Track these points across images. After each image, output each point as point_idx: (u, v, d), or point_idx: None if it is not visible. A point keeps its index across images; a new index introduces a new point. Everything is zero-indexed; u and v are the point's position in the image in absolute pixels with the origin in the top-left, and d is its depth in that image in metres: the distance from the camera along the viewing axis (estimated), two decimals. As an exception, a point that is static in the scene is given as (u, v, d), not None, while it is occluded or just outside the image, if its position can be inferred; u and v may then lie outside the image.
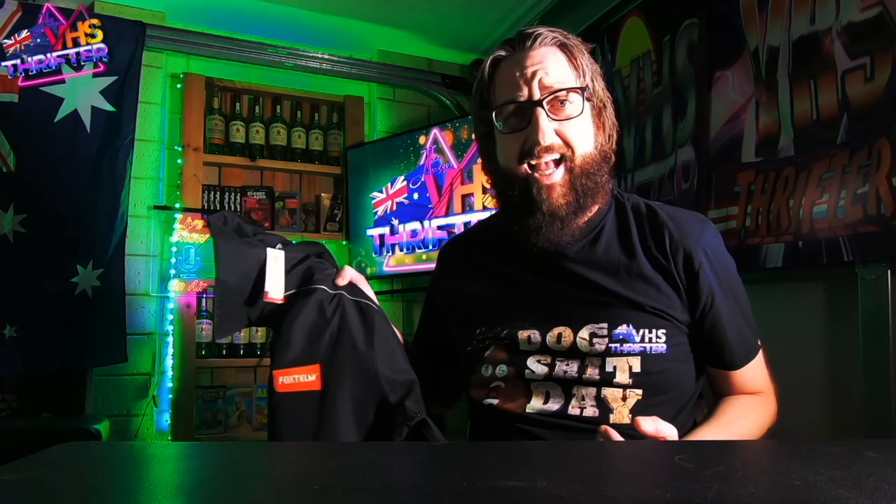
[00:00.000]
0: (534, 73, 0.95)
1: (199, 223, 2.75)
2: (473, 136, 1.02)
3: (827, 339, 1.50)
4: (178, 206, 2.74)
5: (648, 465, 0.61)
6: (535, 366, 0.98)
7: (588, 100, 0.97)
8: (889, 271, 1.33)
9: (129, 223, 2.60)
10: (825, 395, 1.50)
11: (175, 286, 2.70)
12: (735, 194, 1.68)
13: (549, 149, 0.95)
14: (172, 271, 2.71)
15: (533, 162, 0.96)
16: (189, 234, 2.73)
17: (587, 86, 0.97)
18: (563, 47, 0.97)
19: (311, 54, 2.97)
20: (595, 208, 1.01)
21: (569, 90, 0.95)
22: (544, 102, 0.94)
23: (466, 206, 2.68)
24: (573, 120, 0.95)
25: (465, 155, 2.71)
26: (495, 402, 1.00)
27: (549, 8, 2.65)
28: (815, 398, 1.52)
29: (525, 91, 0.95)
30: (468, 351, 1.05)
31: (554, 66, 0.96)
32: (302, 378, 0.94)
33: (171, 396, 2.67)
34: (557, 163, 0.96)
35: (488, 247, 1.10)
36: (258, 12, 2.79)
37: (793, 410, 1.58)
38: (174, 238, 2.73)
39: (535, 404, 0.96)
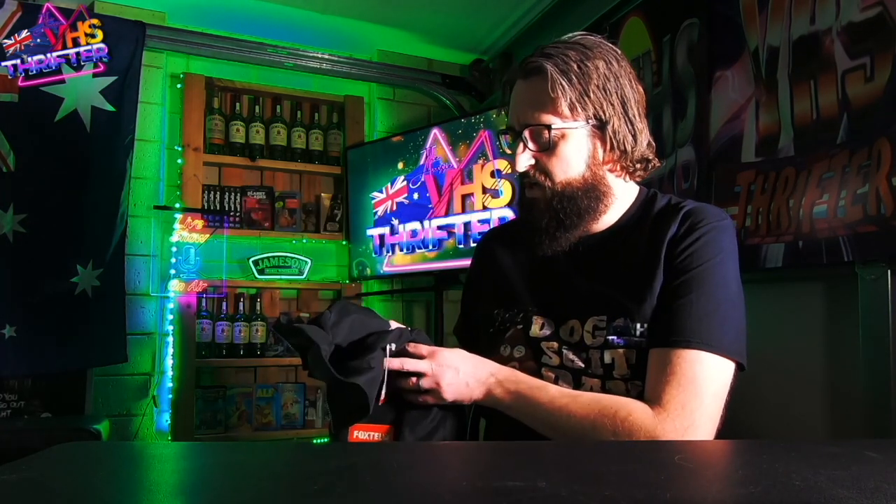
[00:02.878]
0: (519, 105, 1.03)
1: (200, 223, 2.75)
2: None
3: (827, 339, 1.50)
4: (178, 206, 2.74)
5: (648, 465, 0.61)
6: (549, 352, 1.02)
7: (557, 131, 1.00)
8: (889, 271, 1.32)
9: (129, 223, 2.60)
10: (825, 396, 1.50)
11: (175, 286, 2.70)
12: (735, 194, 1.68)
13: (525, 175, 1.04)
14: (172, 271, 2.71)
15: (524, 181, 1.06)
16: (189, 234, 2.74)
17: (554, 122, 0.99)
18: (543, 78, 0.99)
19: (311, 54, 2.97)
20: (618, 213, 1.06)
21: (535, 127, 1.00)
22: (524, 134, 1.01)
23: (466, 206, 2.68)
24: (546, 152, 1.01)
25: (464, 155, 2.71)
26: None
27: (548, 8, 2.65)
28: (815, 398, 1.52)
29: (514, 120, 1.04)
30: (490, 333, 1.09)
31: (531, 100, 1.01)
32: (376, 436, 0.99)
33: (171, 396, 2.67)
34: (539, 185, 1.03)
35: (518, 237, 1.14)
36: (258, 12, 2.79)
37: (793, 410, 1.59)
38: (174, 238, 2.73)
39: None
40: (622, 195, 1.07)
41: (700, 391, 0.88)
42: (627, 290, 0.98)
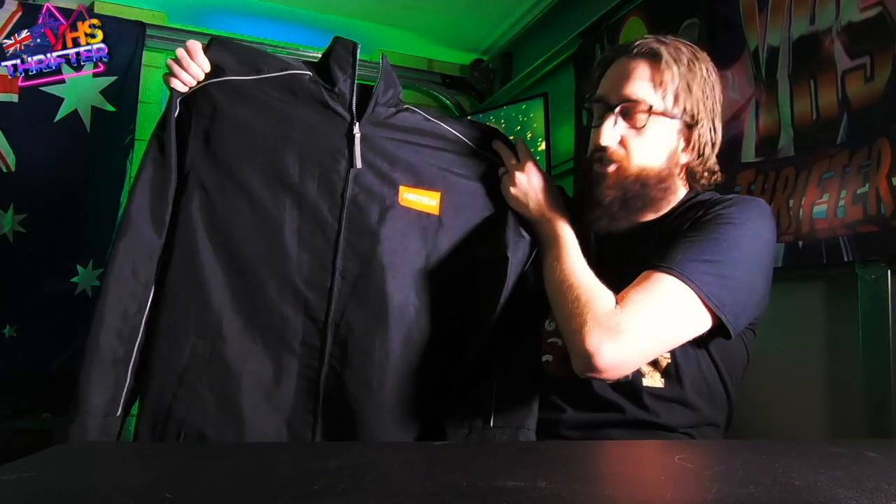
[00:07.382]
0: (621, 80, 1.04)
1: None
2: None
3: (827, 339, 1.50)
4: (178, 206, 2.74)
5: (648, 465, 0.61)
6: None
7: (655, 115, 1.01)
8: (889, 271, 1.32)
9: (129, 223, 2.60)
10: (825, 396, 1.50)
11: (175, 286, 2.69)
12: (735, 194, 1.68)
13: (606, 149, 1.04)
14: (172, 271, 2.71)
15: (597, 155, 1.05)
16: (189, 234, 2.73)
17: (655, 104, 1.01)
18: (657, 61, 1.01)
19: (311, 54, 2.96)
20: (666, 209, 1.08)
21: (633, 104, 1.01)
22: (617, 108, 1.02)
23: (466, 206, 2.67)
24: (635, 131, 1.02)
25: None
26: (550, 358, 1.05)
27: (548, 8, 2.65)
28: (815, 398, 1.52)
29: (610, 93, 1.05)
30: (537, 304, 1.10)
31: (638, 77, 1.02)
32: (425, 200, 1.02)
33: (171, 396, 2.66)
34: (615, 162, 1.04)
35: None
36: (258, 12, 2.79)
37: (793, 410, 1.59)
38: (174, 238, 2.72)
39: None
40: (681, 194, 1.09)
41: (657, 308, 0.90)
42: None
